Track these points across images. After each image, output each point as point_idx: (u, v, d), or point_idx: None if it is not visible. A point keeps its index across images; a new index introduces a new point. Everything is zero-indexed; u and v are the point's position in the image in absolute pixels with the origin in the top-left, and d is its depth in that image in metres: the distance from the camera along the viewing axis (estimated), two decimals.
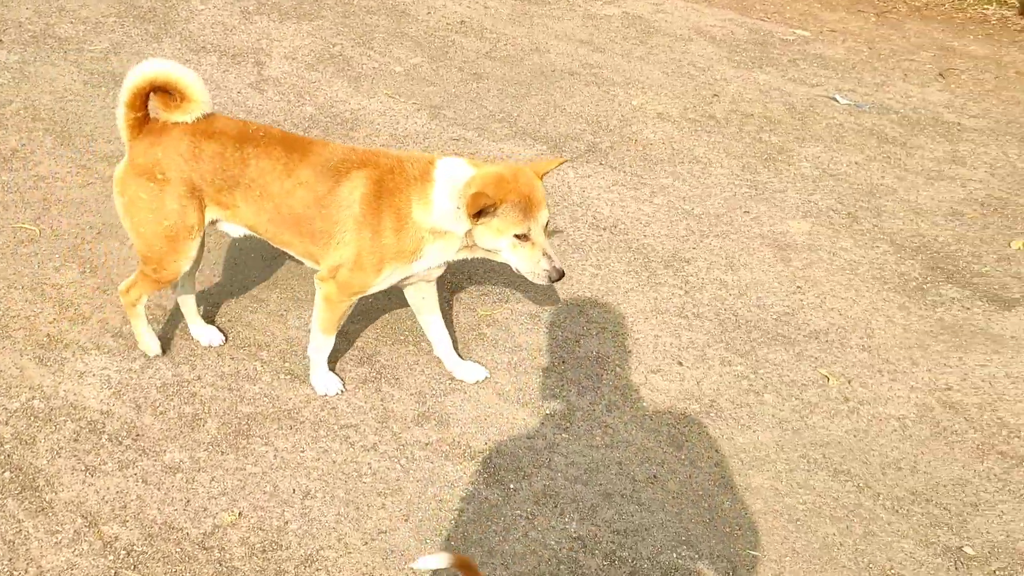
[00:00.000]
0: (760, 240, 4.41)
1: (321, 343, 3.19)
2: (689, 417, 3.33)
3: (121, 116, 2.94)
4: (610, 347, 3.63)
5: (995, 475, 3.17)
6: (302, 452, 3.01)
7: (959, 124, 5.64)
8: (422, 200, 2.94)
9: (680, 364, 3.58)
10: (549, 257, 2.91)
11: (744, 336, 3.77)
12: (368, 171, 2.96)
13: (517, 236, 2.88)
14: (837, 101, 5.86)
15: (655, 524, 2.89)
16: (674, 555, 2.79)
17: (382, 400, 3.26)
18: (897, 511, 3.00)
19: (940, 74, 6.36)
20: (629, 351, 3.63)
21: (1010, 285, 4.16)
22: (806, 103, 5.82)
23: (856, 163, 5.15)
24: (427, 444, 3.09)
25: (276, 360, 3.36)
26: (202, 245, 3.14)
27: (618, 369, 3.53)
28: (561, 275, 2.94)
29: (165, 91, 2.91)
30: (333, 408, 3.20)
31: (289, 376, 3.30)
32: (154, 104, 2.96)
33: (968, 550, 2.88)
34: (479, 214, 2.83)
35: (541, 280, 2.95)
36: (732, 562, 2.79)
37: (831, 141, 5.38)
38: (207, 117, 2.99)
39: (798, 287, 4.09)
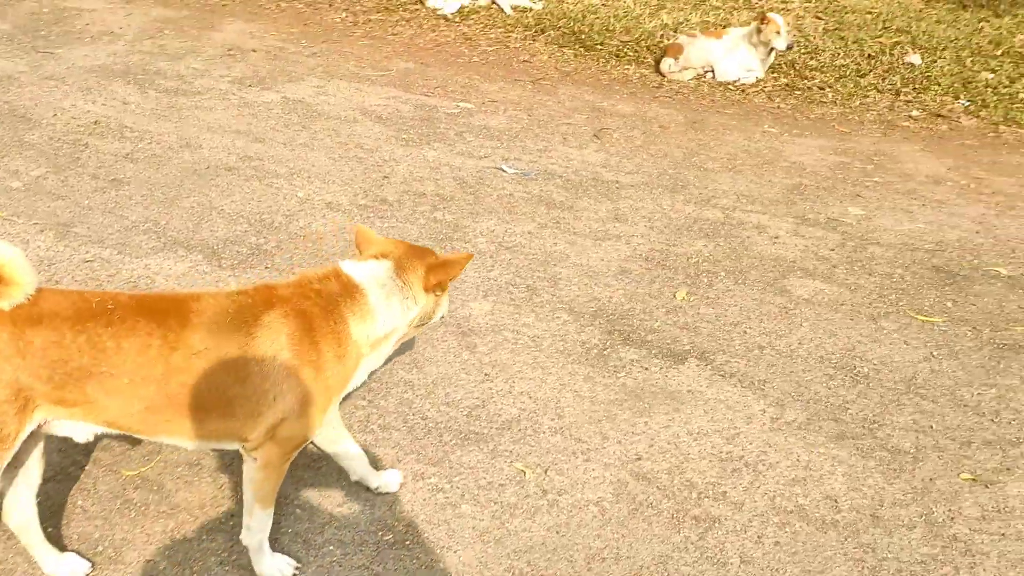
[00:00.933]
0: (443, 329, 4.22)
1: (262, 522, 2.77)
2: (383, 553, 2.98)
3: None
4: (288, 486, 3.20)
5: (692, 543, 3.15)
6: None
7: (617, 182, 5.93)
8: (360, 312, 2.70)
9: (367, 490, 3.23)
10: None
11: (436, 441, 3.52)
12: (279, 309, 2.59)
13: None
14: (504, 171, 5.93)
15: None
16: None
17: None
18: None
19: (595, 135, 6.71)
20: (311, 486, 3.23)
21: (680, 337, 4.31)
22: (476, 176, 5.83)
23: (529, 232, 5.19)
24: None
25: None
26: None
27: (299, 512, 3.11)
28: None
29: None
30: None
31: None
32: None
33: None
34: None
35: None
36: None
37: (504, 213, 5.39)
38: (31, 297, 2.39)
39: (486, 375, 3.94)
